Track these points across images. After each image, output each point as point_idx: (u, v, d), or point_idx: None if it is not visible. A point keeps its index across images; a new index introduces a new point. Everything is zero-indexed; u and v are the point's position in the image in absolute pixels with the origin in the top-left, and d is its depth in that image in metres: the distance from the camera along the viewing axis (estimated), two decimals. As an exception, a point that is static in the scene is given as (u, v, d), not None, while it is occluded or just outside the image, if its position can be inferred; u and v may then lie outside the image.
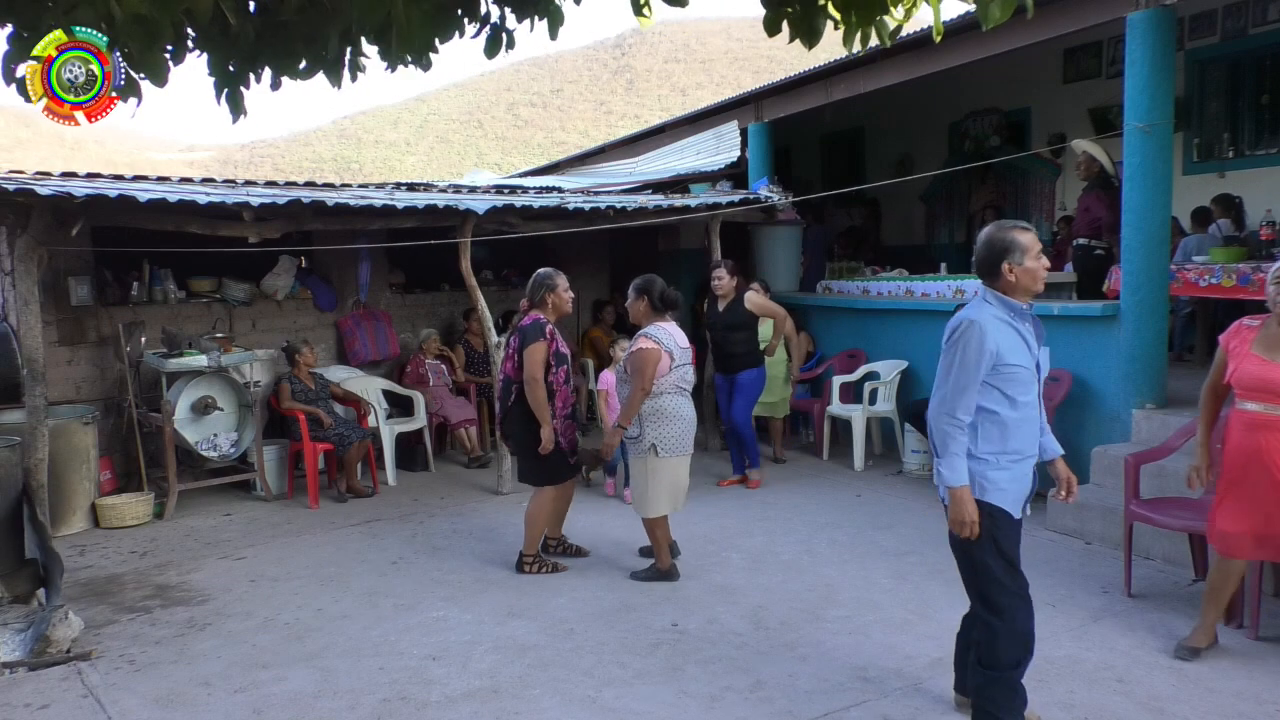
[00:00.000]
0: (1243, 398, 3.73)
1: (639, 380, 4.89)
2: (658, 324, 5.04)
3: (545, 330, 5.12)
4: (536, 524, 5.26)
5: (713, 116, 10.45)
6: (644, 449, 4.97)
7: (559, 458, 5.20)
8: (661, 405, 4.97)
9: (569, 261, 10.33)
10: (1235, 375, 3.74)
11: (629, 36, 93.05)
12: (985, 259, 3.12)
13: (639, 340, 4.96)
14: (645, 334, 4.98)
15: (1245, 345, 3.75)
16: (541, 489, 5.27)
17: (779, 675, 3.90)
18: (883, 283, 8.40)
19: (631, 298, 5.16)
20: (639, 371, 4.89)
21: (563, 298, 5.25)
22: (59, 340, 7.13)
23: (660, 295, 5.10)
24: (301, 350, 7.39)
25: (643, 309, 5.11)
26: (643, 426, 4.95)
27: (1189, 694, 3.61)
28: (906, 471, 7.33)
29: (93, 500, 6.61)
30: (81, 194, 5.65)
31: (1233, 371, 3.75)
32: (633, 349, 4.97)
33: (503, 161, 62.38)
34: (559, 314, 5.27)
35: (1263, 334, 3.74)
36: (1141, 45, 5.75)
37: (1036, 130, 9.94)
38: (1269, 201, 7.19)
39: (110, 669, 4.16)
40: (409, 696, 3.81)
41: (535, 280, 5.30)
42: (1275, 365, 3.63)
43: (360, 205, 6.76)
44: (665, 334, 4.99)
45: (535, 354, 5.05)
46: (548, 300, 5.22)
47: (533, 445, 5.13)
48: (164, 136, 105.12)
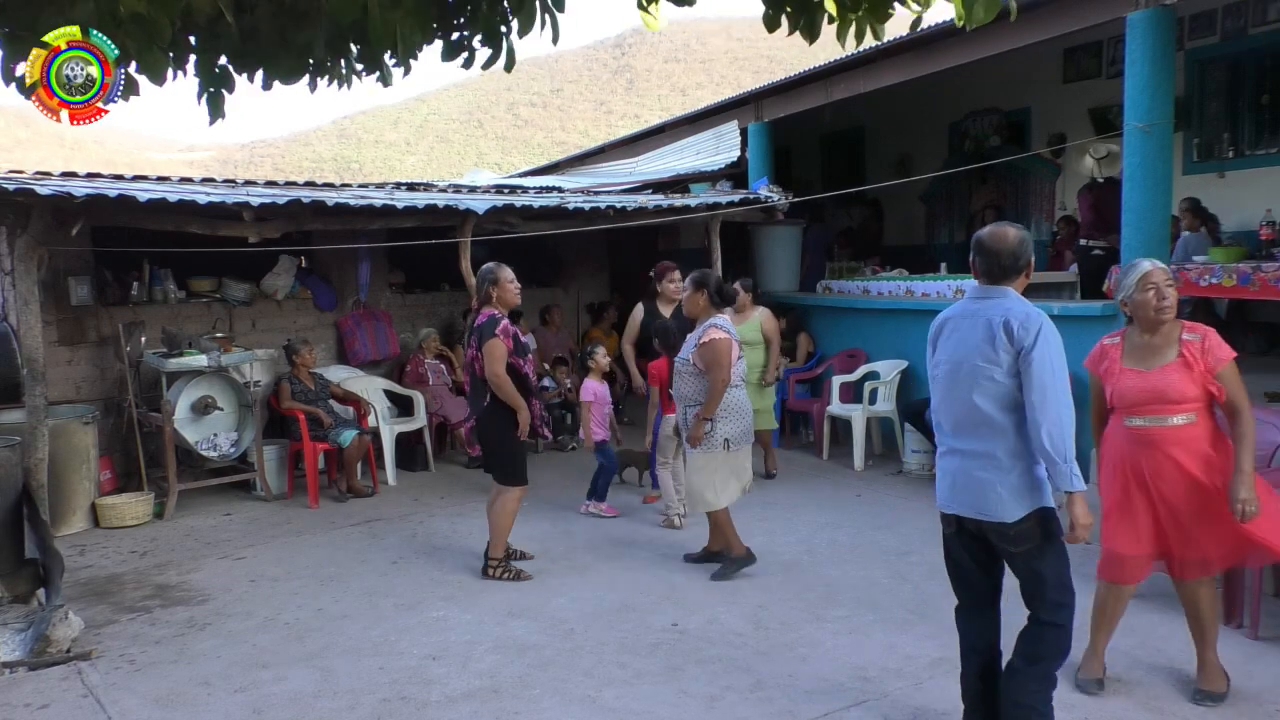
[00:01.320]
0: (1128, 414, 3.55)
1: (719, 371, 4.91)
2: (721, 316, 5.09)
3: (500, 325, 5.04)
4: (503, 526, 5.18)
5: (713, 116, 10.45)
6: (715, 444, 4.97)
7: (524, 457, 5.22)
8: (732, 399, 5.01)
9: (569, 261, 10.38)
10: (1116, 394, 3.57)
11: (629, 36, 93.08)
12: (1018, 259, 3.01)
13: (711, 331, 4.97)
14: (716, 325, 5.02)
15: (1115, 363, 3.61)
16: (507, 489, 5.17)
17: (779, 675, 3.90)
18: (883, 283, 8.40)
19: (689, 290, 5.17)
20: (717, 363, 4.91)
21: (507, 289, 5.15)
22: (59, 340, 7.13)
23: (718, 288, 5.13)
24: (300, 350, 7.39)
25: (702, 302, 5.11)
26: (714, 422, 4.96)
27: (1189, 693, 3.61)
28: (906, 471, 7.33)
29: (93, 500, 6.61)
30: (81, 194, 5.65)
31: (1113, 391, 3.59)
32: (704, 340, 4.96)
33: (503, 161, 62.37)
34: (506, 306, 5.19)
35: (1128, 347, 3.60)
36: (1141, 45, 5.75)
37: (1036, 130, 9.93)
38: (1269, 201, 7.18)
39: (110, 669, 4.16)
40: (409, 696, 3.81)
41: (478, 277, 5.25)
42: (1153, 373, 3.49)
43: (360, 205, 6.77)
44: (730, 325, 5.09)
45: (494, 350, 4.98)
46: (492, 294, 5.13)
47: (502, 442, 5.11)
48: (164, 136, 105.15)
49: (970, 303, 3.12)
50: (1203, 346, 3.49)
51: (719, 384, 4.92)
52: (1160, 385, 3.46)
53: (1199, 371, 3.46)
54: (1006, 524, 2.97)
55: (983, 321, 2.99)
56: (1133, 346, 3.60)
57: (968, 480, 3.04)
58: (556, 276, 10.41)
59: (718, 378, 4.93)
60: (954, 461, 3.10)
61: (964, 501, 3.07)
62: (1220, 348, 3.50)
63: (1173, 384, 3.45)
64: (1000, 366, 2.92)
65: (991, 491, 2.97)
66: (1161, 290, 3.47)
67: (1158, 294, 3.47)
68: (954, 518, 3.14)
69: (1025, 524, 2.96)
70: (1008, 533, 2.98)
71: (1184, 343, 3.51)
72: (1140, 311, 3.53)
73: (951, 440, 3.12)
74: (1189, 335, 3.53)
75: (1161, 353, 3.53)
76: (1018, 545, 2.99)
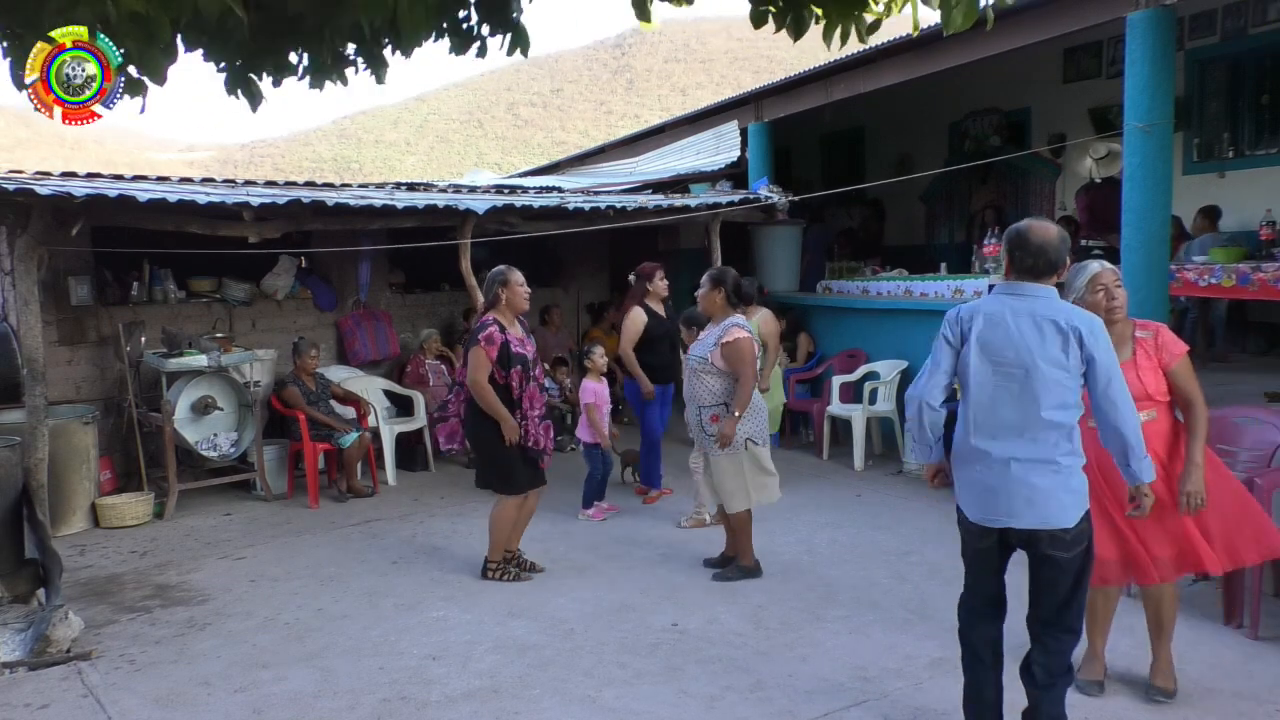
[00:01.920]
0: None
1: (748, 369, 4.89)
2: (738, 315, 5.08)
3: (487, 333, 4.91)
4: (499, 530, 5.10)
5: (713, 116, 10.45)
6: (737, 445, 4.95)
7: (519, 466, 5.05)
8: (753, 398, 5.00)
9: (569, 261, 10.38)
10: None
11: (629, 36, 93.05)
12: (1062, 256, 2.97)
13: (734, 331, 4.94)
14: (737, 324, 5.00)
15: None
16: (504, 498, 5.10)
17: (779, 675, 3.90)
18: (883, 283, 8.40)
19: (706, 288, 5.13)
20: (743, 361, 4.89)
21: (517, 293, 5.05)
22: (59, 340, 7.13)
23: (736, 286, 5.10)
24: (306, 353, 7.33)
25: (719, 301, 5.07)
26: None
27: (1189, 694, 3.61)
28: (907, 471, 7.33)
29: (93, 500, 6.61)
30: (81, 194, 5.65)
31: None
32: (729, 339, 4.93)
33: (503, 161, 62.37)
34: (515, 311, 5.08)
35: None
36: (1141, 45, 5.75)
37: (1036, 130, 9.93)
38: (1269, 201, 7.19)
39: (110, 669, 4.16)
40: (409, 696, 3.81)
41: (488, 279, 5.13)
42: (1126, 365, 3.45)
43: (360, 205, 6.77)
44: (749, 324, 5.09)
45: (475, 358, 4.90)
46: (501, 296, 5.02)
47: (491, 451, 5.02)
48: (164, 136, 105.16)
49: (1009, 299, 2.99)
50: (1156, 343, 3.53)
51: (749, 381, 4.90)
52: (1131, 378, 3.42)
53: (1153, 367, 3.49)
54: (1068, 529, 2.91)
55: (1041, 321, 2.90)
56: None
57: (1024, 489, 2.90)
58: (556, 276, 10.41)
59: (748, 375, 4.90)
60: (1001, 470, 2.94)
61: (1018, 511, 2.92)
62: (1174, 343, 3.55)
63: (1129, 382, 3.38)
64: (1069, 370, 2.89)
65: (1054, 498, 2.90)
66: (1111, 291, 3.47)
67: (1107, 294, 3.47)
68: (996, 530, 3.00)
69: (1081, 525, 2.94)
70: (1066, 538, 2.91)
71: (1137, 340, 3.54)
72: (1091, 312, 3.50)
73: (997, 445, 2.95)
74: (1141, 332, 3.57)
75: (1117, 352, 3.46)
76: (1072, 549, 2.93)
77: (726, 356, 4.94)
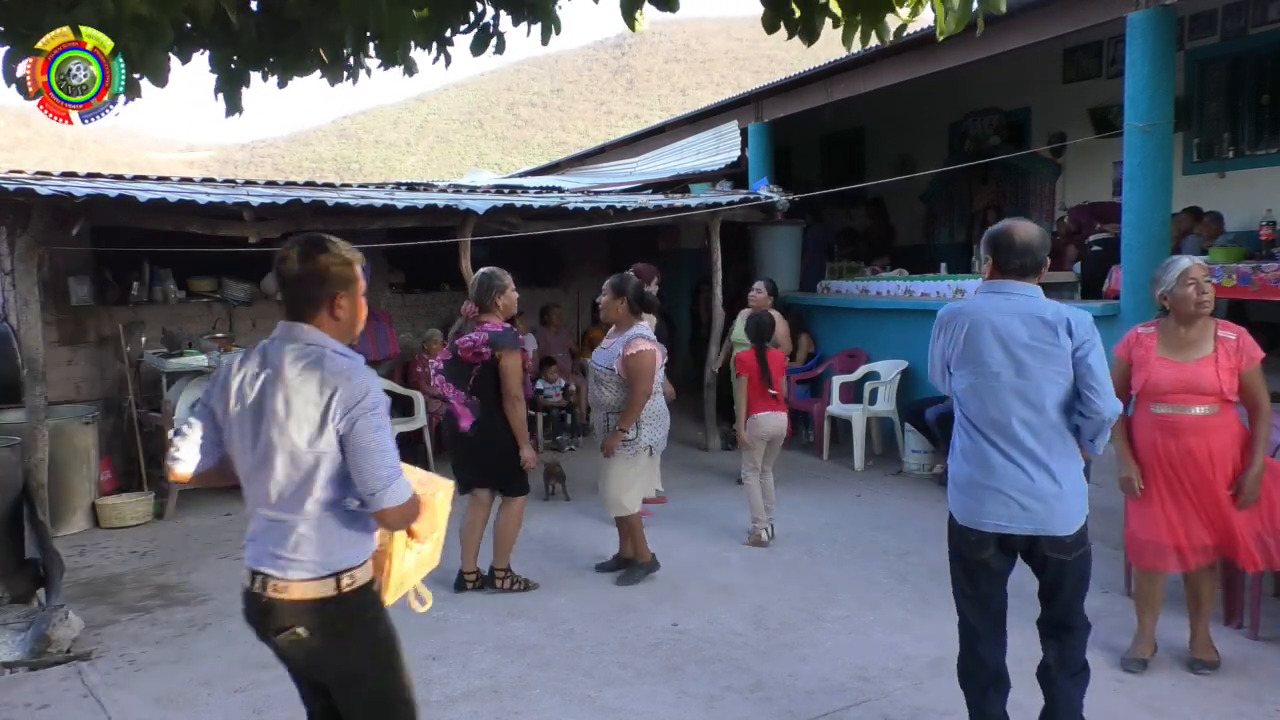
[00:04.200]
0: (1155, 402, 3.74)
1: (643, 383, 4.82)
2: (643, 324, 5.00)
3: (519, 338, 4.84)
4: (508, 536, 4.98)
5: (713, 116, 10.46)
6: (638, 450, 4.95)
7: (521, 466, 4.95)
8: (654, 407, 4.98)
9: (569, 261, 10.38)
10: (1149, 381, 3.73)
11: (629, 36, 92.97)
12: (1045, 253, 2.97)
13: (637, 343, 4.83)
14: (642, 335, 4.90)
15: (1150, 352, 3.77)
16: (512, 500, 4.97)
17: (779, 675, 3.90)
18: (883, 283, 8.41)
19: (608, 296, 4.99)
20: (642, 374, 4.81)
21: (511, 299, 4.85)
22: (59, 340, 7.13)
23: (637, 295, 4.96)
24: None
25: (622, 309, 4.95)
26: (640, 429, 4.93)
27: (1189, 694, 3.61)
28: (906, 471, 7.33)
29: (93, 500, 6.61)
30: (81, 194, 5.66)
31: (1145, 379, 3.75)
32: (631, 352, 4.81)
33: (503, 161, 62.37)
34: (507, 315, 4.89)
35: (1164, 338, 3.76)
36: (1141, 45, 5.76)
37: (1036, 130, 9.92)
38: (1269, 201, 7.18)
39: (110, 669, 4.16)
40: (409, 696, 3.81)
41: (482, 283, 4.82)
42: (1188, 365, 3.68)
43: (360, 205, 6.77)
44: (652, 334, 5.02)
45: (514, 365, 4.71)
46: (498, 302, 4.80)
47: (507, 454, 4.83)
48: (164, 136, 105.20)
49: (998, 299, 2.94)
50: (1238, 345, 3.70)
51: (641, 396, 4.81)
52: (1193, 377, 3.65)
53: (1230, 367, 3.66)
54: (1070, 534, 2.86)
55: (1028, 319, 2.85)
56: (1169, 338, 3.75)
57: (1028, 494, 2.83)
58: (556, 276, 10.41)
59: (641, 390, 4.80)
60: (1018, 475, 2.84)
61: (1020, 517, 2.85)
62: (1254, 348, 3.72)
63: (1205, 377, 3.65)
64: (1065, 367, 2.84)
65: (1059, 502, 2.84)
66: (1201, 285, 3.65)
67: (1198, 289, 3.65)
68: (994, 537, 2.90)
69: (1083, 528, 2.91)
70: (1067, 541, 2.86)
71: (1220, 339, 3.70)
72: (1180, 306, 3.69)
73: (993, 448, 2.88)
74: (1225, 333, 3.73)
75: (1198, 346, 3.71)
76: (1075, 552, 2.88)
77: (627, 368, 4.81)
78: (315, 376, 2.24)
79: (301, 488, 2.25)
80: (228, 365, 2.40)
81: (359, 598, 2.31)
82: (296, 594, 2.26)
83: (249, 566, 2.33)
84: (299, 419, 2.22)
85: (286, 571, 2.26)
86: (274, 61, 2.79)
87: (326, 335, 2.34)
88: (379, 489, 2.20)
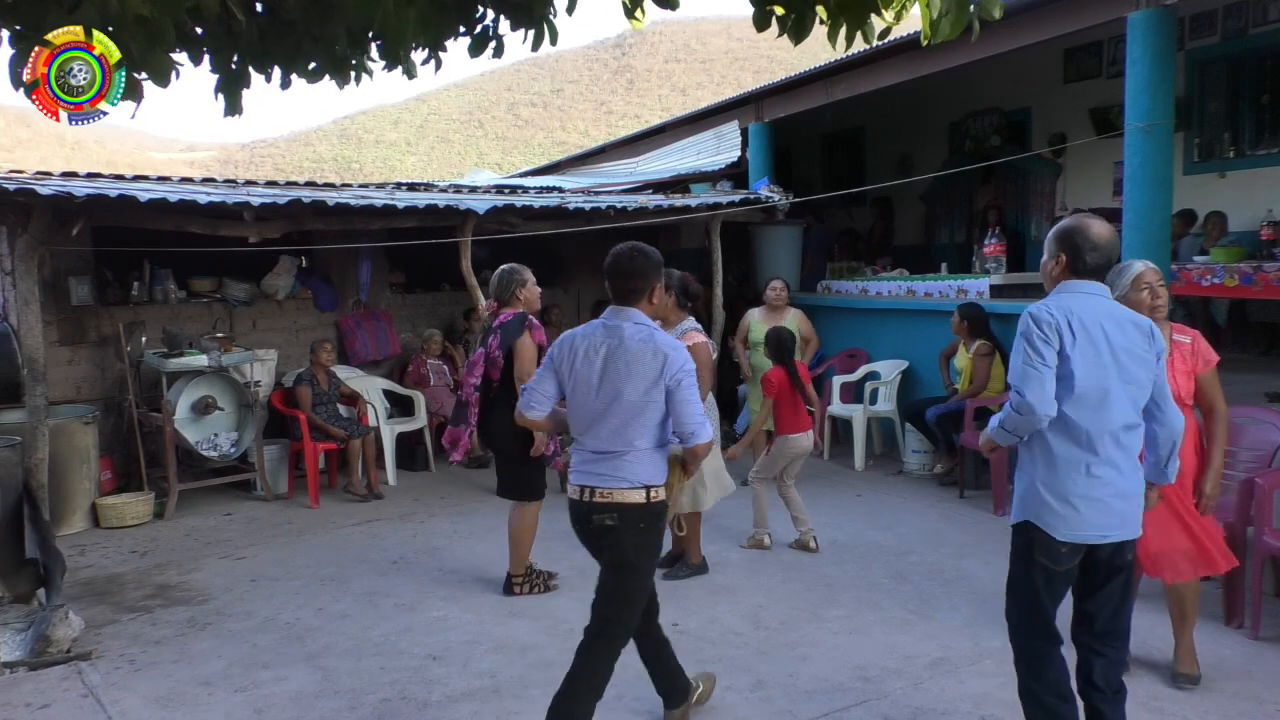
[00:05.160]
0: None
1: (704, 375, 4.62)
2: (689, 318, 4.92)
3: (529, 321, 4.82)
4: (523, 541, 4.89)
5: (713, 116, 10.45)
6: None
7: (539, 469, 4.93)
8: (710, 402, 4.91)
9: (569, 261, 10.37)
10: None
11: (629, 36, 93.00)
12: (1118, 253, 2.92)
13: (692, 334, 4.73)
14: (695, 328, 4.80)
15: None
16: (524, 504, 4.89)
17: (779, 675, 3.90)
18: (883, 283, 8.41)
19: None
20: (701, 365, 4.63)
21: (533, 292, 4.94)
22: (59, 340, 7.13)
23: (682, 287, 4.89)
24: (321, 347, 7.32)
25: (671, 302, 4.84)
26: None
27: (1189, 694, 3.61)
28: (907, 471, 7.33)
29: (93, 500, 6.61)
30: (82, 194, 5.66)
31: None
32: (688, 344, 4.62)
33: (503, 161, 62.38)
34: (530, 310, 4.93)
35: None
36: (1142, 45, 5.75)
37: (1037, 130, 9.93)
38: (1269, 201, 7.19)
39: (111, 669, 4.16)
40: (409, 696, 3.81)
41: (503, 277, 4.91)
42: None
43: (360, 205, 6.77)
44: (702, 328, 4.93)
45: (526, 349, 4.69)
46: (519, 296, 4.88)
47: (519, 453, 4.81)
48: (164, 136, 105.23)
49: (1090, 299, 2.79)
50: (1193, 349, 3.65)
51: (706, 387, 4.70)
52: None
53: (1186, 370, 3.60)
54: (1137, 537, 2.85)
55: (1122, 322, 2.77)
56: None
57: (1121, 499, 2.78)
58: (556, 276, 10.40)
59: (705, 384, 4.69)
60: (1119, 480, 2.77)
61: (1115, 525, 2.79)
62: (1208, 351, 3.68)
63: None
64: (1151, 370, 2.80)
65: (1139, 504, 2.83)
66: (1155, 290, 3.55)
67: (1152, 293, 3.55)
68: (1084, 548, 2.80)
69: None
70: (1132, 543, 2.85)
71: (1175, 343, 3.63)
72: (1135, 310, 3.50)
73: (1119, 455, 2.77)
74: (1179, 336, 3.67)
75: None
76: (1133, 553, 2.87)
77: None
78: (650, 348, 3.06)
79: (631, 427, 3.06)
80: (569, 338, 3.21)
81: (657, 507, 3.12)
82: (618, 498, 3.08)
83: (578, 484, 3.15)
84: (638, 378, 3.03)
85: (611, 484, 3.08)
86: (276, 62, 2.78)
87: (647, 317, 3.17)
88: (695, 429, 3.06)
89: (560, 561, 5.43)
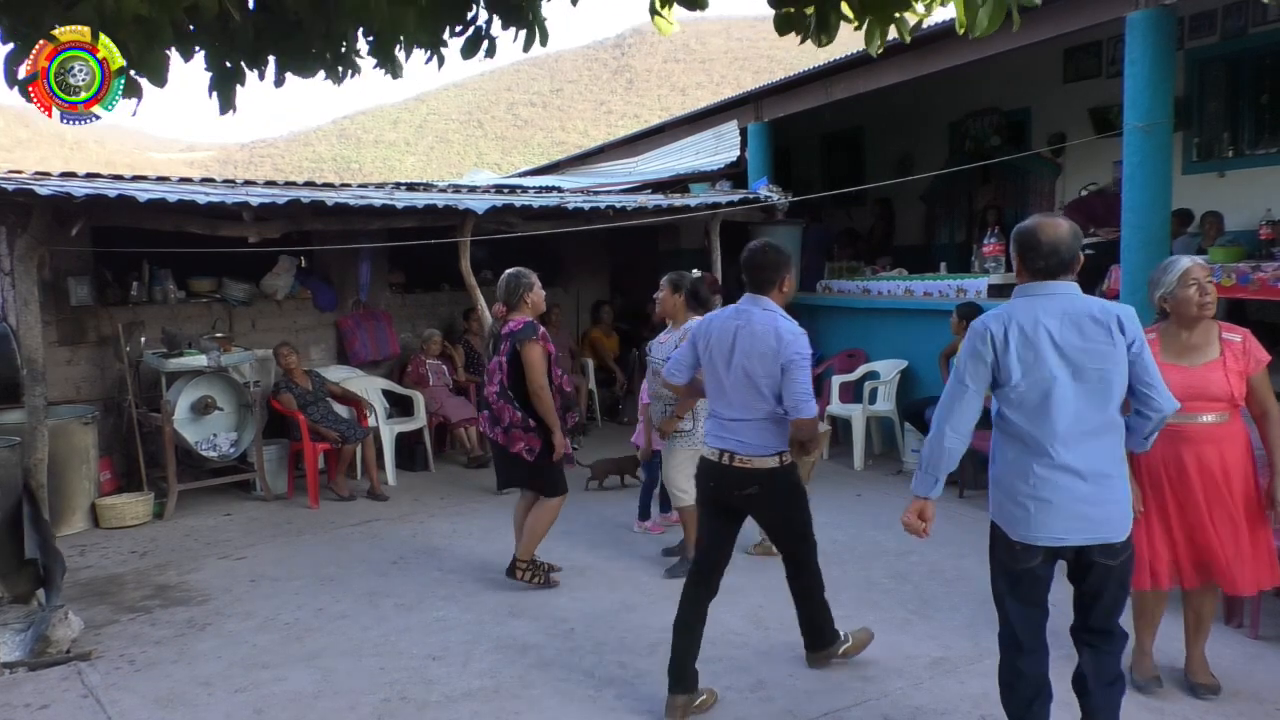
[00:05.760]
0: None
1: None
2: (696, 319, 4.97)
3: (539, 330, 4.88)
4: (538, 531, 4.98)
5: (712, 116, 10.44)
6: (696, 441, 4.91)
7: (562, 469, 5.01)
8: None
9: (569, 261, 10.38)
10: None
11: (629, 36, 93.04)
12: (1073, 252, 2.82)
13: None
14: None
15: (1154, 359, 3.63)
16: (549, 500, 4.98)
17: (779, 675, 3.90)
18: (882, 282, 8.40)
19: (666, 291, 5.10)
20: None
21: (539, 296, 4.98)
22: (59, 340, 7.12)
23: (693, 290, 5.07)
24: (280, 353, 7.22)
25: (680, 303, 5.07)
26: (696, 420, 4.92)
27: (1188, 694, 3.61)
28: (906, 471, 7.33)
29: (93, 500, 6.61)
30: (81, 194, 5.65)
31: None
32: None
33: (503, 161, 62.38)
34: (536, 314, 4.99)
35: (1166, 342, 3.51)
36: (1141, 45, 5.75)
37: (1036, 130, 9.92)
38: (1269, 201, 7.18)
39: (110, 669, 4.16)
40: (409, 696, 3.81)
41: (510, 282, 4.95)
42: (1195, 370, 3.45)
43: (360, 205, 6.77)
44: None
45: (535, 356, 4.76)
46: (526, 300, 4.93)
47: (547, 454, 4.87)
48: (164, 136, 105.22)
49: (1038, 301, 2.81)
50: (1244, 347, 3.49)
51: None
52: (1202, 383, 3.43)
53: (1239, 370, 3.46)
54: (1122, 540, 2.81)
55: (1078, 318, 2.74)
56: (1170, 342, 3.52)
57: (1085, 502, 2.75)
58: (556, 276, 10.41)
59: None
60: (1075, 483, 2.74)
61: (1076, 528, 2.76)
62: (1260, 350, 3.51)
63: (1215, 382, 3.43)
64: (1122, 365, 2.75)
65: (1115, 507, 2.78)
66: (1203, 286, 3.42)
67: (1200, 290, 3.43)
68: (1043, 548, 2.81)
69: (1129, 535, 2.85)
70: (1117, 547, 2.80)
71: (1225, 342, 3.49)
72: (1182, 308, 3.46)
73: (1071, 457, 2.74)
74: (1229, 335, 3.52)
75: (1202, 350, 3.49)
76: (1119, 556, 2.82)
77: None
78: (773, 332, 3.49)
79: (757, 399, 3.50)
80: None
81: (791, 469, 3.63)
82: (756, 464, 3.53)
83: (716, 447, 3.59)
84: (761, 357, 3.48)
85: (748, 451, 3.52)
86: (271, 59, 2.78)
87: (775, 304, 3.60)
88: (800, 403, 3.45)
89: (560, 562, 5.44)
